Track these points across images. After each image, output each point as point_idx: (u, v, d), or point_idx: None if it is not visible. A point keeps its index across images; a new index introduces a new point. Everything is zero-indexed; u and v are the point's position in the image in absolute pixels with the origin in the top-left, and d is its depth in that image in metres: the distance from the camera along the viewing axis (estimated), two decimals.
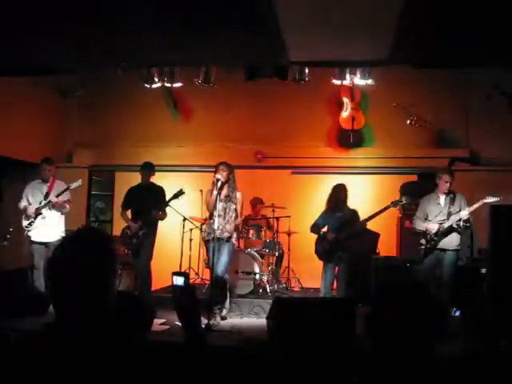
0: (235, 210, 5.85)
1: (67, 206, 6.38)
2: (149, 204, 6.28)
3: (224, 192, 5.76)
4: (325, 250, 6.23)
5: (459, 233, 5.87)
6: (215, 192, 5.71)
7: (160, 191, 6.49)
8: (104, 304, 1.48)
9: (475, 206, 5.71)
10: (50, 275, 1.47)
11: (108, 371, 1.37)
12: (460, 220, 5.78)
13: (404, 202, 6.28)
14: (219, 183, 5.67)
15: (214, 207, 5.72)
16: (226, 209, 5.77)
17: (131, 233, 6.35)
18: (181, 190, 6.27)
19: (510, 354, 4.14)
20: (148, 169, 6.54)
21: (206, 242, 6.00)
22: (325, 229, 6.34)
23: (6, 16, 4.15)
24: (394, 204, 6.25)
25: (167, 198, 6.34)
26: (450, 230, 5.83)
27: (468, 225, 5.86)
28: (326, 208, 6.37)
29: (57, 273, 1.46)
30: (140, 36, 4.59)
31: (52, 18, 4.22)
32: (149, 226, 6.31)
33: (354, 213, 6.28)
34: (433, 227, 5.86)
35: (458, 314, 5.81)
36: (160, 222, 6.46)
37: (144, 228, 6.28)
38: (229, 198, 5.80)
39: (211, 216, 5.79)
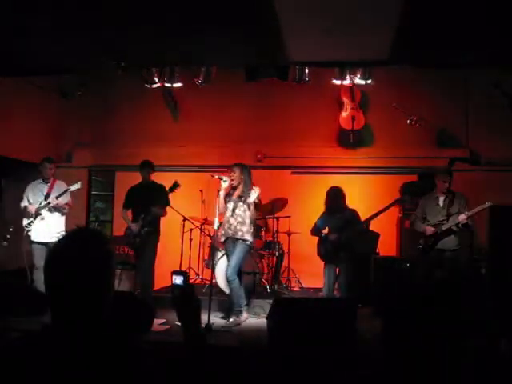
0: (248, 209, 5.83)
1: (67, 207, 6.40)
2: (150, 203, 6.27)
3: (236, 193, 5.84)
4: (327, 251, 6.22)
5: (458, 234, 5.88)
6: (221, 193, 5.83)
7: (161, 189, 6.48)
8: (102, 304, 1.48)
9: (474, 210, 5.71)
10: (46, 275, 1.47)
11: (107, 371, 1.37)
12: (459, 222, 5.79)
13: (406, 200, 6.28)
14: (225, 184, 5.76)
15: (226, 208, 5.86)
16: (235, 209, 5.81)
17: (134, 232, 6.35)
18: (175, 182, 6.26)
19: (510, 353, 4.14)
20: (147, 167, 6.54)
21: (223, 244, 6.10)
22: (325, 230, 6.33)
23: (6, 16, 4.15)
24: (397, 202, 6.25)
25: (168, 198, 6.35)
26: (449, 231, 5.84)
27: (467, 229, 5.87)
28: (324, 211, 6.37)
29: (53, 273, 1.46)
30: (140, 36, 4.59)
31: (52, 17, 4.22)
32: (151, 225, 6.30)
33: (354, 213, 6.27)
34: (430, 230, 5.87)
35: None
36: (161, 221, 6.46)
37: (146, 227, 6.28)
38: (240, 199, 5.83)
39: (226, 217, 5.90)
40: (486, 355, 3.86)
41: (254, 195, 5.76)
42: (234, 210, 5.81)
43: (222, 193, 5.87)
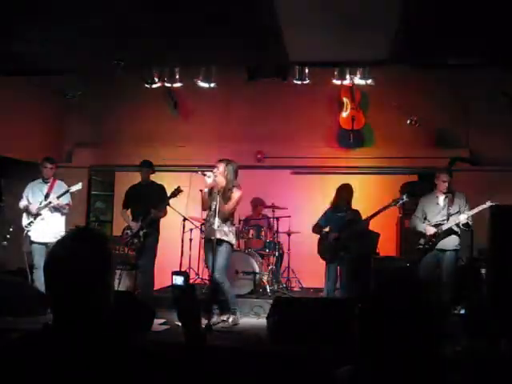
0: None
1: (67, 208, 6.40)
2: (149, 203, 6.27)
3: (219, 190, 5.51)
4: (327, 250, 6.22)
5: (458, 234, 5.88)
6: (205, 190, 5.59)
7: (160, 189, 6.48)
8: (102, 304, 1.48)
9: (475, 210, 5.71)
10: (47, 275, 1.47)
11: (107, 371, 1.37)
12: (459, 222, 5.78)
13: (405, 199, 6.28)
14: (210, 180, 5.49)
15: (209, 207, 5.60)
16: (217, 208, 5.48)
17: (132, 233, 6.33)
18: (178, 187, 6.24)
19: (510, 353, 4.14)
20: (147, 167, 6.53)
21: (204, 242, 5.88)
22: (327, 229, 6.34)
23: (6, 15, 4.15)
24: (396, 202, 6.25)
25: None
26: (450, 231, 5.84)
27: (467, 229, 5.87)
28: (329, 207, 6.37)
29: (53, 272, 1.46)
30: (140, 36, 4.59)
31: (52, 17, 4.22)
32: (149, 226, 6.28)
33: (356, 213, 6.28)
34: (431, 230, 5.86)
35: (462, 311, 5.76)
36: (161, 221, 6.46)
37: (144, 228, 6.27)
38: (222, 197, 5.50)
39: (207, 215, 5.69)
40: (486, 355, 3.86)
41: (234, 195, 5.49)
42: (215, 210, 5.49)
43: (206, 190, 5.59)
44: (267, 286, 7.01)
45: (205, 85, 6.94)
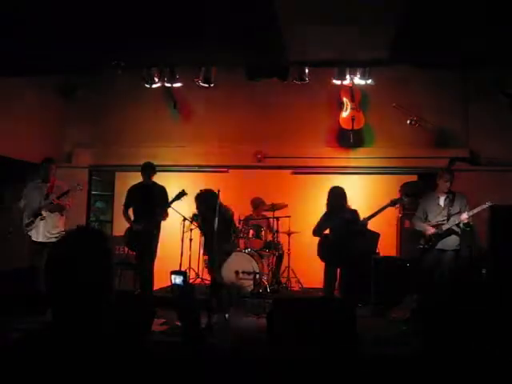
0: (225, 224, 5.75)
1: (66, 208, 6.40)
2: (150, 204, 6.28)
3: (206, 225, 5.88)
4: (327, 251, 6.21)
5: (459, 234, 5.88)
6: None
7: (162, 191, 6.48)
8: (102, 303, 1.48)
9: (475, 210, 5.70)
10: (47, 274, 1.47)
11: (107, 371, 1.37)
12: (460, 222, 5.78)
13: (403, 200, 6.27)
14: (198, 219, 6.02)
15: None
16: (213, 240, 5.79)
17: (133, 234, 6.34)
18: (183, 190, 6.26)
19: (509, 354, 4.14)
20: (149, 169, 6.54)
21: None
22: (327, 231, 6.33)
23: (6, 16, 4.15)
24: (394, 203, 6.24)
25: (169, 199, 6.34)
26: (450, 231, 5.83)
27: (468, 229, 5.86)
28: (327, 211, 6.36)
29: (53, 272, 1.46)
30: (140, 36, 4.59)
31: (52, 18, 4.22)
32: (151, 227, 6.29)
33: (355, 213, 6.27)
34: (430, 230, 5.86)
35: None
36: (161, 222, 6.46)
37: (146, 229, 6.27)
38: (211, 229, 5.72)
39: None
40: (486, 354, 3.86)
41: (227, 215, 5.82)
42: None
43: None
44: (267, 286, 7.01)
45: (205, 85, 6.94)
